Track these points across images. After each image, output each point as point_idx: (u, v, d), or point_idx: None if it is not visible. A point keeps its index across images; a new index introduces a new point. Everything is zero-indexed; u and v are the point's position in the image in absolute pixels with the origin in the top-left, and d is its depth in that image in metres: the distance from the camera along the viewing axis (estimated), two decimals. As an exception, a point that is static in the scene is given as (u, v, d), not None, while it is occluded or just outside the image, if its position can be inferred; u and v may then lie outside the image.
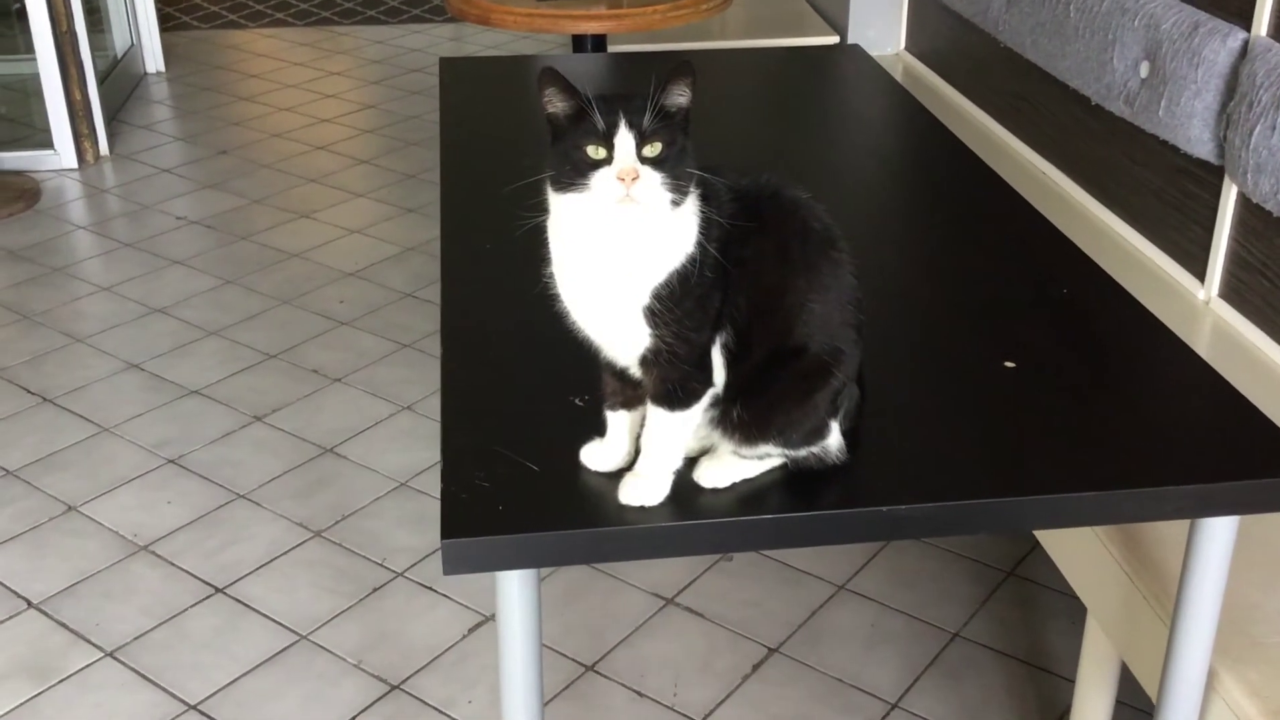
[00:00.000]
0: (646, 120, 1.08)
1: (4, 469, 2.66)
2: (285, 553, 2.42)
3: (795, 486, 1.21)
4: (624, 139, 1.08)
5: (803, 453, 1.21)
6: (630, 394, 1.20)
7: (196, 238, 3.72)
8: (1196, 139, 2.11)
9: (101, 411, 2.86)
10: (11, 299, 3.36)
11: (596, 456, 1.23)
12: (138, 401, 2.90)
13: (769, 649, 2.18)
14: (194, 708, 2.06)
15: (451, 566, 1.12)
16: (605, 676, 2.12)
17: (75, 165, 4.19)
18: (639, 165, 1.08)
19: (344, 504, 2.55)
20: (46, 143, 4.17)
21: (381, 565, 2.39)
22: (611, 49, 3.24)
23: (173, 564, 2.39)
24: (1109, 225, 2.49)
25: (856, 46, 2.67)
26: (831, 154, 2.15)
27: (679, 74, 1.10)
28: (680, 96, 1.11)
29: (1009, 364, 1.41)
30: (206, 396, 2.92)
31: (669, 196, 1.10)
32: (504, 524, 1.14)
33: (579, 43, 3.04)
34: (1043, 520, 1.29)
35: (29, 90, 4.30)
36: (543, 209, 1.16)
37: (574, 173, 1.09)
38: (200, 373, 3.02)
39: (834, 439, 1.22)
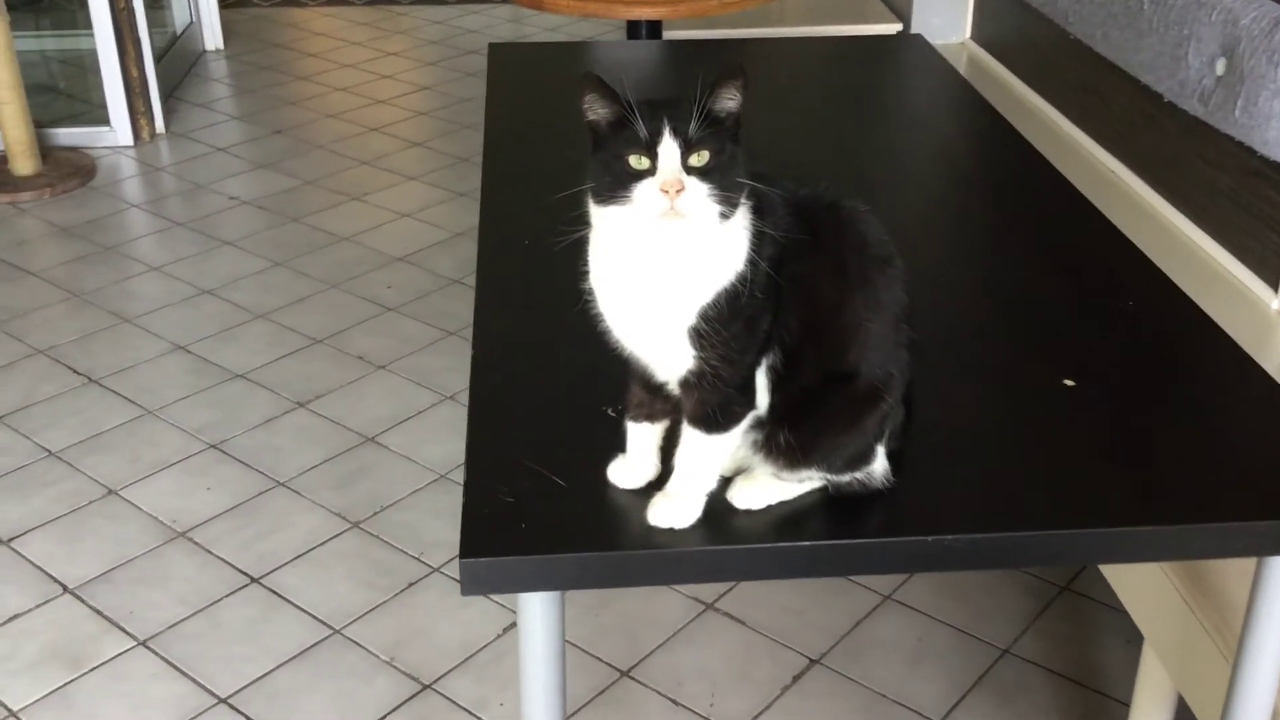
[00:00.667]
0: (693, 127, 1.01)
1: (47, 450, 2.65)
2: (322, 543, 2.39)
3: (834, 510, 1.14)
4: (668, 148, 1.01)
5: (846, 478, 1.14)
6: (658, 407, 1.15)
7: (248, 218, 3.71)
8: (1274, 141, 2.00)
9: (146, 393, 2.85)
10: (63, 276, 3.37)
11: (623, 473, 1.17)
12: (183, 384, 2.89)
13: (810, 660, 2.12)
14: (224, 701, 2.03)
15: (470, 587, 1.07)
16: (640, 683, 2.07)
17: (131, 142, 4.19)
18: (684, 176, 1.01)
19: (383, 495, 2.52)
20: (103, 119, 4.17)
21: (418, 559, 2.35)
22: (667, 35, 3.17)
23: (210, 552, 2.37)
24: (1178, 228, 2.39)
25: (919, 36, 2.58)
26: (887, 150, 2.08)
27: (728, 76, 1.03)
28: (730, 100, 1.03)
29: (1068, 382, 1.33)
30: (251, 381, 2.90)
31: (717, 209, 1.02)
32: (526, 543, 1.09)
33: (633, 29, 2.97)
34: (1099, 555, 1.21)
35: (87, 66, 4.31)
36: (584, 222, 1.09)
37: (615, 184, 1.02)
38: (246, 356, 3.00)
39: (879, 464, 1.15)
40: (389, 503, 2.50)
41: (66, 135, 4.17)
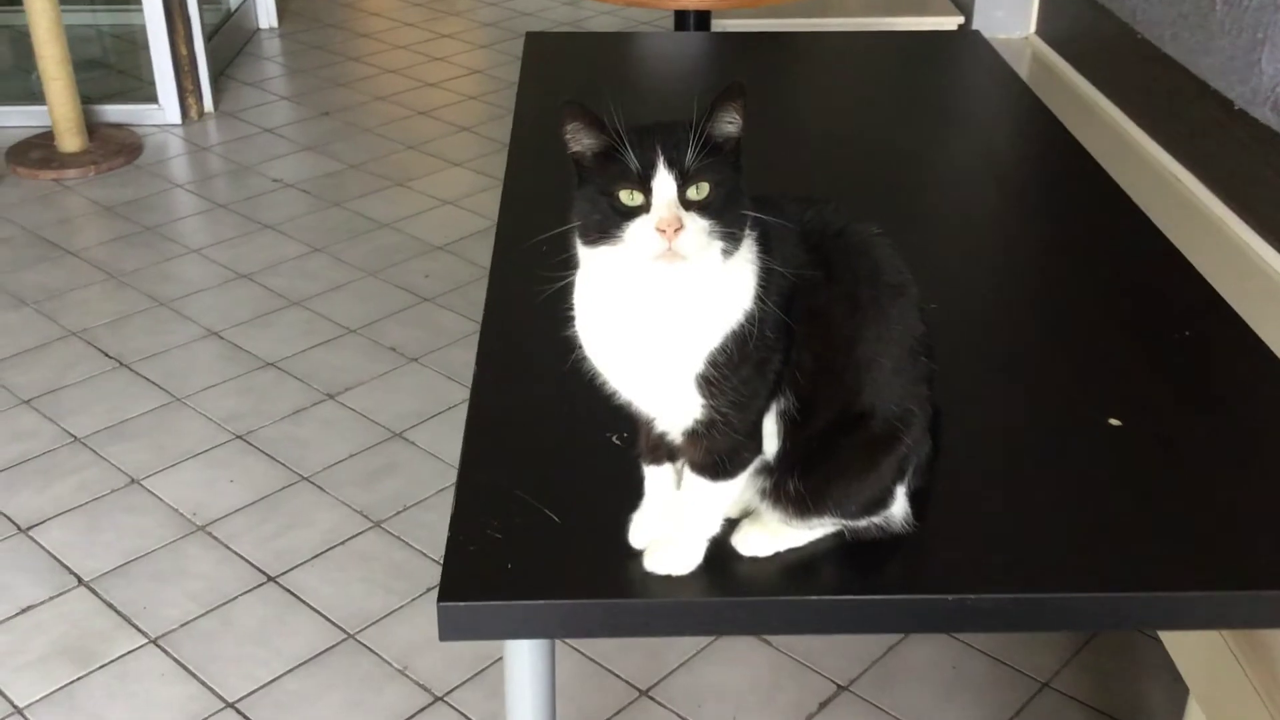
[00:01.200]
0: (689, 157, 0.91)
1: (73, 435, 2.62)
2: (342, 543, 2.33)
3: (848, 560, 1.05)
4: (663, 181, 0.91)
5: (863, 523, 1.05)
6: (675, 445, 1.05)
7: (290, 202, 3.66)
8: (1354, 156, 1.88)
9: (176, 380, 2.81)
10: (102, 257, 3.34)
11: (644, 529, 1.06)
12: (213, 371, 2.84)
13: (838, 686, 2.03)
14: (231, 705, 1.98)
15: (449, 632, 1.00)
16: (659, 703, 1.99)
17: (179, 121, 4.16)
18: (682, 212, 0.91)
19: (406, 494, 2.45)
20: (151, 97, 4.15)
21: (438, 563, 2.27)
22: (716, 26, 3.06)
23: (228, 547, 2.32)
24: (1247, 243, 2.25)
25: (977, 34, 2.46)
26: (934, 154, 1.97)
27: (728, 97, 0.93)
28: (730, 125, 0.94)
29: (1114, 422, 1.23)
30: (282, 370, 2.85)
31: (719, 246, 0.93)
32: (510, 587, 1.01)
33: (681, 19, 2.88)
34: (1142, 620, 1.11)
35: (138, 43, 4.28)
36: (571, 265, 1.00)
37: (605, 223, 0.92)
38: (278, 344, 2.95)
39: (899, 506, 1.06)
40: (413, 502, 2.43)
41: (115, 112, 4.14)
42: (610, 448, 1.18)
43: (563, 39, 2.44)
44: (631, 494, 1.12)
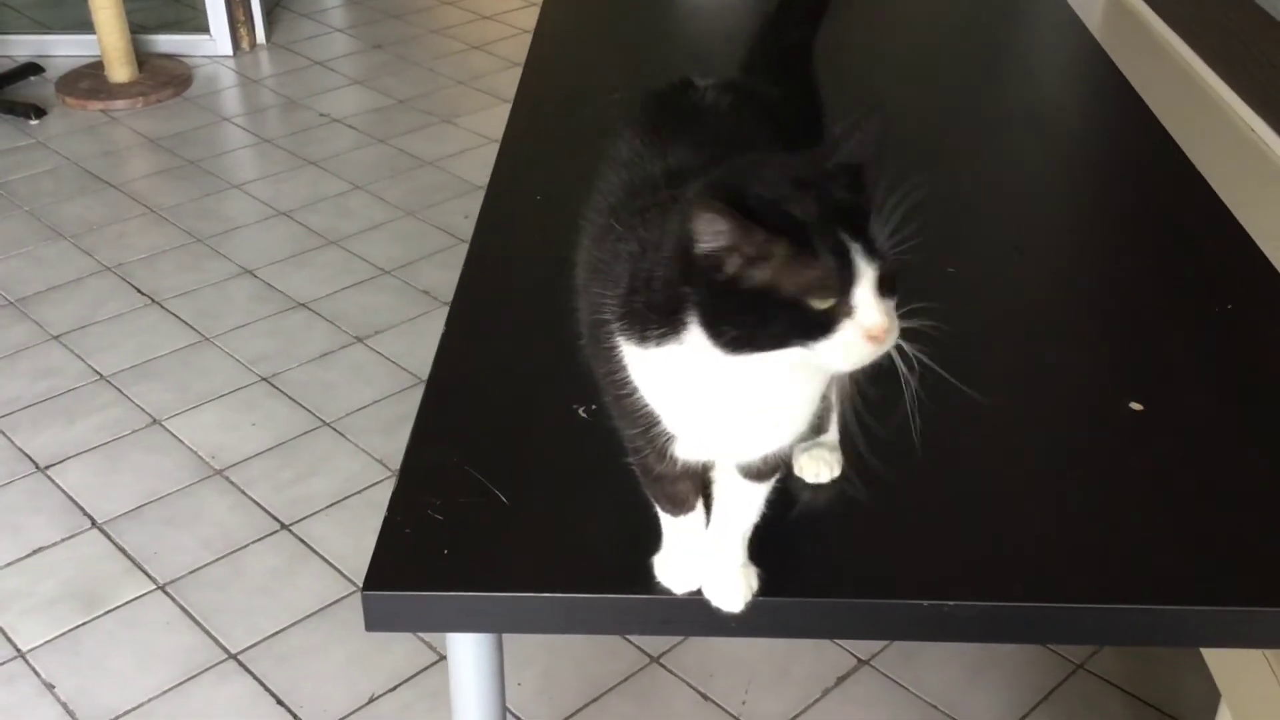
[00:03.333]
0: (883, 241, 0.73)
1: (99, 373, 2.59)
2: (359, 491, 2.28)
3: (822, 564, 0.95)
4: (866, 279, 0.72)
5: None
6: (705, 479, 0.93)
7: (335, 137, 3.59)
8: None
9: (206, 319, 2.77)
10: (143, 190, 3.30)
11: (678, 573, 0.93)
12: (244, 311, 2.80)
13: (859, 660, 1.94)
14: (233, 656, 1.94)
15: (375, 623, 0.92)
16: (671, 672, 1.92)
17: (230, 52, 4.11)
18: (886, 306, 0.73)
19: (428, 443, 2.39)
20: (203, 27, 4.09)
21: (454, 517, 2.22)
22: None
23: (244, 492, 2.28)
24: (1322, 201, 2.09)
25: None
26: (987, 110, 1.82)
27: (876, 121, 0.77)
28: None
29: (1135, 406, 1.11)
30: (313, 311, 2.80)
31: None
32: (445, 576, 0.93)
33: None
34: (1154, 636, 0.99)
35: (192, -28, 4.23)
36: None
37: (785, 335, 0.73)
38: (312, 285, 2.89)
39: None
40: (433, 452, 2.37)
41: (166, 43, 4.10)
42: (577, 421, 1.09)
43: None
44: (591, 474, 1.03)
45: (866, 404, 0.88)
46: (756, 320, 0.73)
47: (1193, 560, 0.95)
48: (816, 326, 0.73)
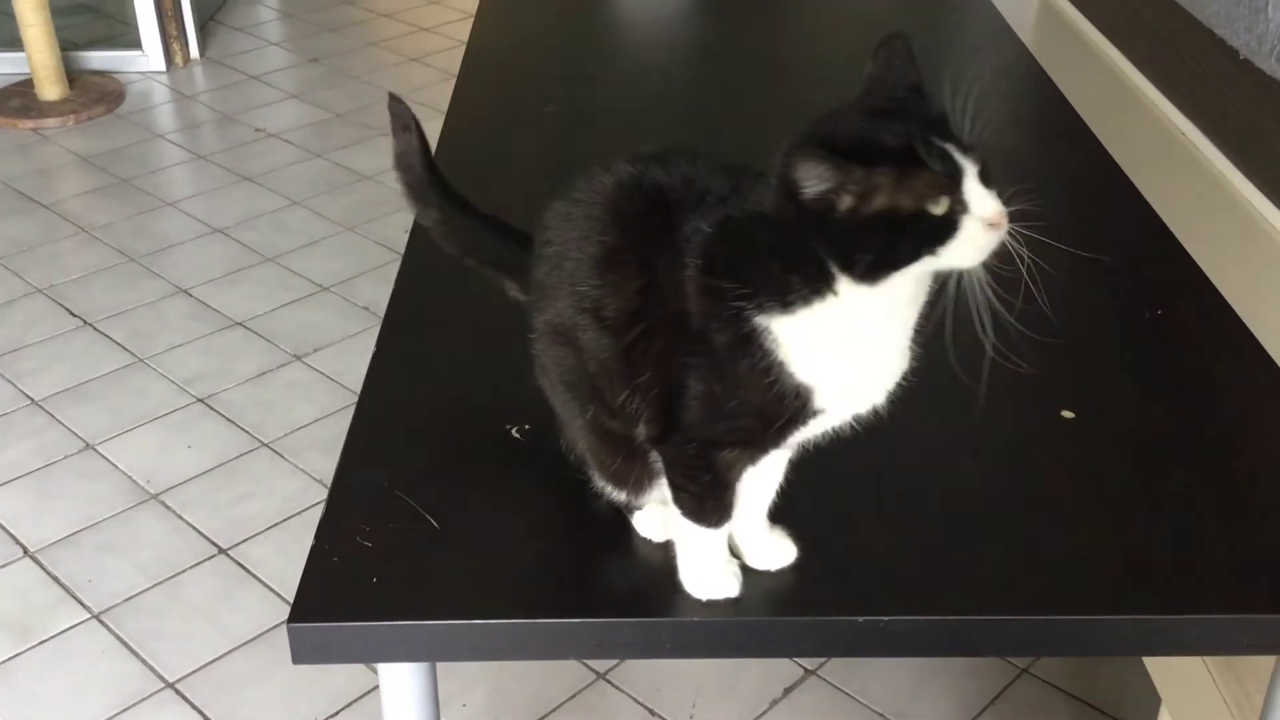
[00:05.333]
0: (969, 132, 0.80)
1: (30, 398, 2.54)
2: (298, 513, 2.25)
3: (760, 581, 0.94)
4: (971, 174, 0.79)
5: None
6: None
7: (271, 152, 3.55)
8: (1364, 111, 1.73)
9: (140, 340, 2.72)
10: (75, 209, 3.25)
11: (727, 579, 0.93)
12: (179, 330, 2.76)
13: (806, 670, 1.93)
14: (170, 685, 1.91)
15: (303, 656, 0.90)
16: (617, 687, 1.90)
17: (163, 68, 4.05)
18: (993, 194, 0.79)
19: (369, 462, 2.36)
20: (135, 43, 4.04)
21: (396, 536, 2.19)
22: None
23: (180, 516, 2.24)
24: (1251, 203, 2.11)
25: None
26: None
27: (900, 44, 0.86)
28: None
29: (1066, 414, 1.12)
30: (249, 329, 2.76)
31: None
32: (373, 605, 0.91)
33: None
34: (1088, 647, 0.99)
35: (123, -14, 4.17)
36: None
37: (915, 248, 0.78)
38: (248, 302, 2.85)
39: None
40: (374, 470, 2.34)
41: (98, 59, 4.04)
42: (511, 442, 1.07)
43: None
44: (525, 496, 1.02)
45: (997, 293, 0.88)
46: (884, 243, 0.78)
47: (1126, 569, 0.95)
48: (941, 230, 0.78)
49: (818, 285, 0.80)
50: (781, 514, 0.95)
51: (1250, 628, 0.91)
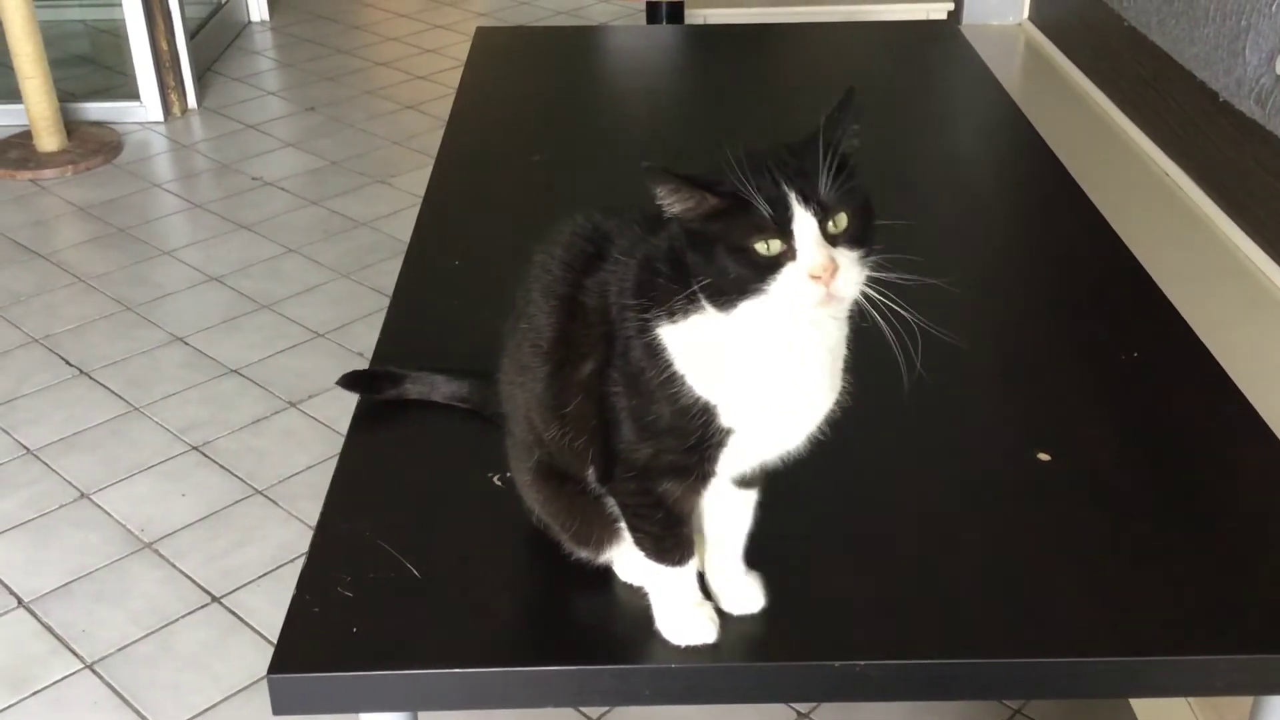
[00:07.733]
0: (824, 186, 0.81)
1: (25, 448, 2.55)
2: (291, 560, 2.25)
3: (739, 627, 0.95)
4: (804, 222, 0.81)
5: None
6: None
7: (268, 200, 3.58)
8: (1340, 152, 1.76)
9: (136, 388, 2.73)
10: (72, 259, 3.27)
11: (698, 624, 0.94)
12: (174, 379, 2.77)
13: (799, 714, 1.93)
14: (163, 735, 1.91)
15: (283, 707, 0.91)
16: (609, 733, 1.90)
17: (161, 118, 4.09)
18: (831, 250, 0.81)
19: (362, 508, 2.37)
20: (133, 93, 4.07)
21: (389, 582, 2.20)
22: (690, 16, 2.96)
23: (174, 565, 2.24)
24: (1231, 240, 2.14)
25: (955, 29, 2.34)
26: (895, 155, 1.85)
27: (849, 107, 0.85)
28: (854, 139, 0.85)
29: (1043, 456, 1.13)
30: (245, 377, 2.77)
31: (867, 274, 0.84)
32: (353, 655, 0.92)
33: (653, 12, 2.77)
34: (1060, 689, 0.99)
35: (120, 37, 4.21)
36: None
37: (743, 281, 0.82)
38: (243, 350, 2.87)
39: None
40: (368, 517, 2.35)
41: (96, 110, 4.08)
42: (491, 490, 1.09)
43: (513, 33, 2.34)
44: (505, 544, 1.03)
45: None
46: (718, 270, 0.82)
47: (1105, 611, 0.96)
48: (765, 271, 0.81)
49: (693, 295, 0.85)
50: (758, 558, 0.96)
51: (1223, 669, 0.92)
